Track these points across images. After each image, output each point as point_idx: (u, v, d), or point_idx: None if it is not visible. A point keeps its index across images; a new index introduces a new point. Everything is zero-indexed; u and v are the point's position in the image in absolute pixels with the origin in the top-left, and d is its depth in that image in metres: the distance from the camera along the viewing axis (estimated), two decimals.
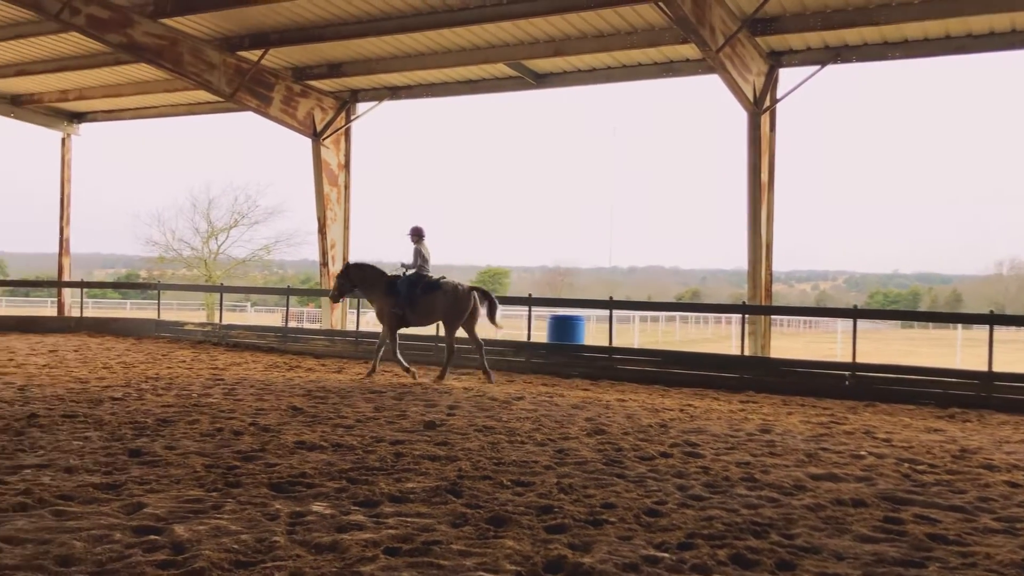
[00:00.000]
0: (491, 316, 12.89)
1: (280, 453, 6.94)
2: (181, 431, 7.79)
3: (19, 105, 21.53)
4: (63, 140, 22.86)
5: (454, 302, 12.59)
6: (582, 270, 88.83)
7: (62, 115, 22.42)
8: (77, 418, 8.34)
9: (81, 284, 22.86)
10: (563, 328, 16.73)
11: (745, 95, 13.98)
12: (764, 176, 14.52)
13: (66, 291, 22.84)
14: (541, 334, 17.67)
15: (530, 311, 15.58)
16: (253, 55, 16.29)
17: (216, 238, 40.50)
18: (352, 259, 13.64)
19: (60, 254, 23.03)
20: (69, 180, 22.92)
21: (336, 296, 13.63)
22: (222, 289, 21.00)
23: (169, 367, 13.47)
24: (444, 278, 12.91)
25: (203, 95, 19.21)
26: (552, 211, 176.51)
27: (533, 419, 9.09)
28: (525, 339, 15.62)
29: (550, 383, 12.81)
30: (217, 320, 20.11)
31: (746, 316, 14.48)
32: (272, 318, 44.94)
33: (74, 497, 5.38)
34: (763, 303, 14.84)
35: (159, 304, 20.77)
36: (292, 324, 22.72)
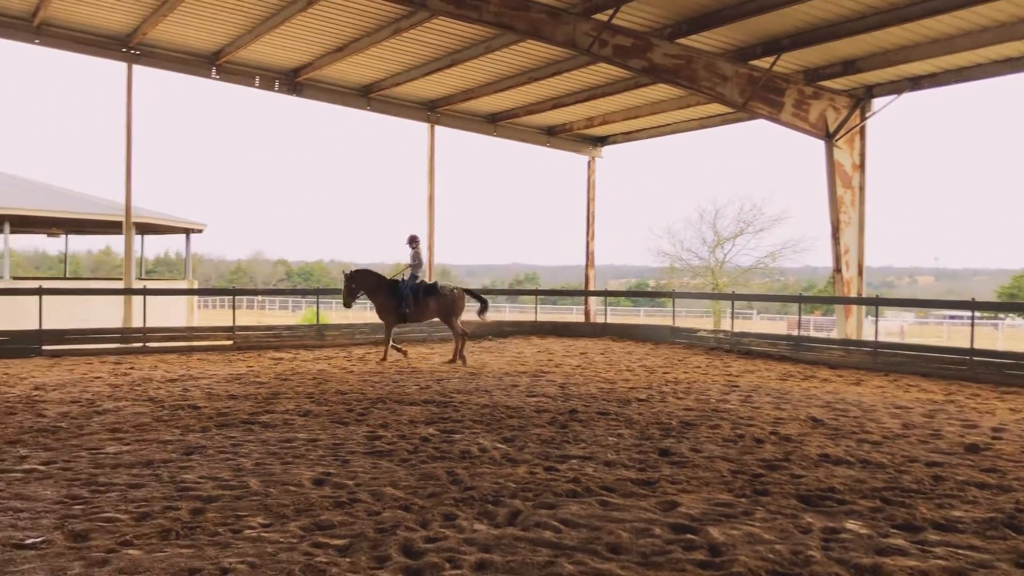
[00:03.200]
0: (481, 313, 15.43)
1: (804, 465, 6.75)
2: (704, 435, 8.01)
3: (553, 135, 24.31)
4: (588, 163, 25.21)
5: (452, 303, 15.32)
6: None
7: (587, 140, 24.77)
8: (609, 416, 9.07)
9: (605, 293, 25.15)
10: None
11: None
12: None
13: (591, 299, 25.15)
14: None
15: None
16: (764, 62, 16.26)
17: (722, 247, 41.45)
18: (357, 267, 15.86)
19: (586, 266, 25.39)
20: (594, 199, 25.22)
21: (347, 301, 15.18)
22: (733, 297, 21.26)
23: (686, 372, 14.02)
24: (437, 283, 15.69)
25: (714, 108, 19.75)
26: None
27: None
28: None
29: None
30: (727, 327, 20.45)
31: None
32: (774, 325, 44.55)
33: (615, 489, 5.81)
34: None
35: (673, 311, 21.81)
36: (802, 332, 22.16)
